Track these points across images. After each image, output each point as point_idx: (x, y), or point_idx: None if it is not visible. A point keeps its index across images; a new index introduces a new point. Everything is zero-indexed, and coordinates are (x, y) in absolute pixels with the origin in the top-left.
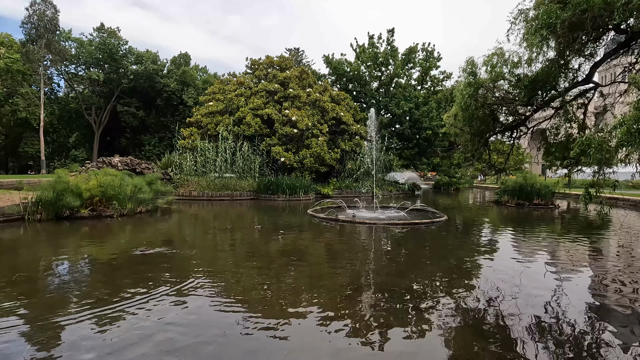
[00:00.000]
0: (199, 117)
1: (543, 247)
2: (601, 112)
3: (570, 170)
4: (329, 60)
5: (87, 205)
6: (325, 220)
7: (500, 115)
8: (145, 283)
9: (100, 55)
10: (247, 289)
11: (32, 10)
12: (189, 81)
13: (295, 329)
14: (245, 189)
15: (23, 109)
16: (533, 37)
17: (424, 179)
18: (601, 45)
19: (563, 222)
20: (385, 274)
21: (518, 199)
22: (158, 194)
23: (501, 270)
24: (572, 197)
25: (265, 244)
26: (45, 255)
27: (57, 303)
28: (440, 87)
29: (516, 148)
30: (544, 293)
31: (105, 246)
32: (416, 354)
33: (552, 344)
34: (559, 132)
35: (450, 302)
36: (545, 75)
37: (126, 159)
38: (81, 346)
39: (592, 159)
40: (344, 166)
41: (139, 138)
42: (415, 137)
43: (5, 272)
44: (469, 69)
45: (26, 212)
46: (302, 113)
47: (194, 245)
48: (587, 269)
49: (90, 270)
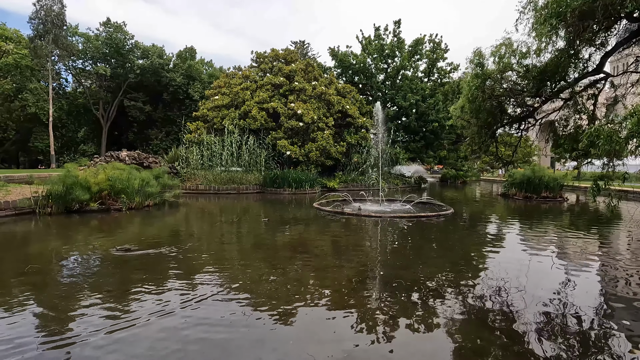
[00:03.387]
0: (205, 111)
1: (551, 240)
2: (612, 103)
3: (580, 162)
4: (334, 52)
5: (96, 199)
6: (331, 214)
7: (508, 107)
8: (153, 275)
9: (106, 50)
10: (254, 281)
11: (40, 6)
12: (194, 75)
13: (301, 319)
14: (251, 183)
15: (32, 104)
16: (542, 26)
17: (430, 172)
18: (612, 35)
19: (572, 215)
20: (391, 266)
21: (526, 191)
22: (165, 188)
23: (508, 262)
24: (581, 189)
25: (272, 237)
26: (56, 247)
27: (68, 294)
28: (447, 79)
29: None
30: (552, 286)
31: (116, 238)
32: (422, 345)
33: (559, 336)
34: (568, 123)
35: (456, 295)
36: (554, 65)
37: (134, 153)
38: (91, 335)
39: (601, 151)
40: (350, 159)
41: (146, 132)
42: (421, 129)
43: (18, 264)
44: (477, 60)
45: (37, 205)
46: (307, 106)
47: (201, 237)
48: (595, 261)
49: (100, 262)
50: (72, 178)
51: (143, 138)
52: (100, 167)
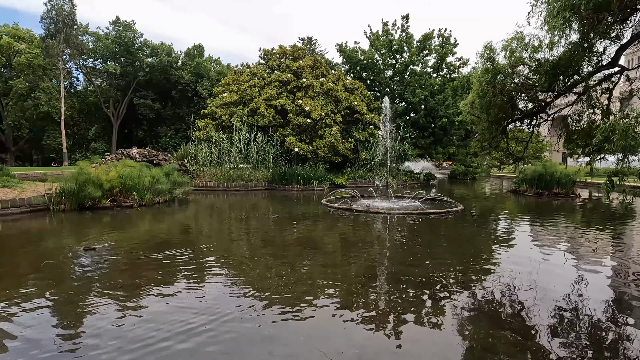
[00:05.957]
0: (213, 108)
1: (562, 237)
2: (627, 97)
3: (593, 158)
4: (342, 48)
5: (108, 196)
6: (339, 210)
7: (519, 102)
8: (165, 270)
9: (116, 48)
10: (264, 277)
11: (51, 5)
12: (203, 73)
13: (311, 315)
14: (259, 180)
15: (45, 103)
16: (555, 19)
17: (439, 169)
18: (628, 27)
19: (584, 212)
20: (399, 263)
21: (537, 188)
22: (175, 185)
23: (518, 259)
24: (594, 186)
25: (281, 234)
26: (70, 243)
27: (83, 289)
28: (456, 74)
29: (535, 136)
30: (563, 283)
31: (127, 235)
32: (431, 342)
33: (570, 334)
34: (582, 118)
35: (465, 291)
36: (567, 59)
37: (144, 150)
38: (105, 329)
39: (616, 146)
40: (358, 156)
41: (155, 130)
42: (430, 125)
43: (34, 260)
44: (487, 55)
45: (51, 202)
46: (315, 103)
47: (211, 234)
48: (608, 259)
49: (114, 258)
50: (84, 175)
51: (152, 135)
52: (111, 165)
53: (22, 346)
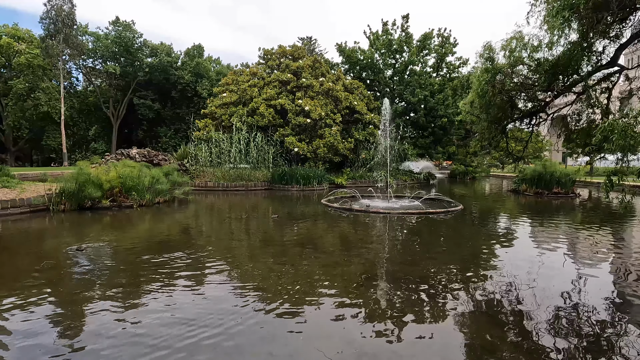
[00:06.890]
0: (213, 108)
1: (562, 237)
2: (626, 97)
3: (592, 157)
4: (342, 48)
5: (108, 196)
6: (339, 210)
7: (518, 101)
8: (164, 269)
9: (116, 48)
10: (264, 277)
11: (50, 6)
12: (202, 73)
13: (310, 316)
14: (259, 180)
15: (45, 103)
16: (554, 19)
17: (439, 168)
18: (628, 26)
19: (584, 211)
20: (399, 262)
21: (537, 187)
22: (175, 185)
23: (518, 259)
24: (594, 185)
25: (281, 233)
26: (70, 243)
27: (82, 288)
28: (456, 74)
29: (535, 135)
30: (562, 283)
31: (127, 235)
32: (431, 341)
33: (570, 334)
34: (581, 118)
35: (465, 291)
36: (566, 59)
37: (143, 150)
38: (105, 328)
39: (615, 146)
40: (358, 156)
41: (155, 130)
42: (430, 125)
43: (34, 260)
44: (487, 54)
45: (51, 202)
46: (315, 103)
47: (210, 234)
48: (608, 259)
49: (113, 258)
50: (84, 176)
51: (152, 136)
52: (111, 165)
53: (22, 346)
